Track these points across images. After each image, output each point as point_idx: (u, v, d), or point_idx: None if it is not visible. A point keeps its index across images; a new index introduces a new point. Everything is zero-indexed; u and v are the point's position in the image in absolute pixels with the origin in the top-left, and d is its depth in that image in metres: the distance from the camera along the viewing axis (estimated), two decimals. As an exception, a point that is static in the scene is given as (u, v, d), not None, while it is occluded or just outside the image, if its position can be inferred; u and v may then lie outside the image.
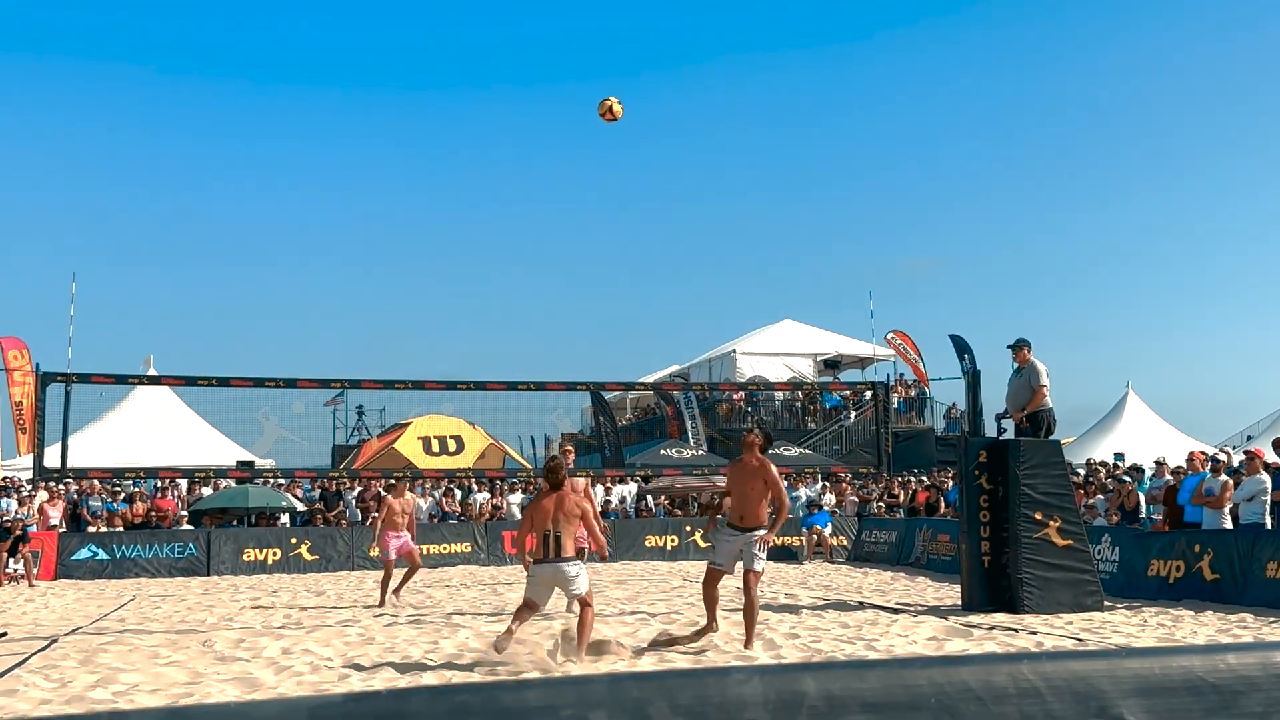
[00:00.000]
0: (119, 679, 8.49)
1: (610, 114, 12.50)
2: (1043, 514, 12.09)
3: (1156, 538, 14.44)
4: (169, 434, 28.54)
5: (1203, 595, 12.71)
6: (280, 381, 13.18)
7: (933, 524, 20.51)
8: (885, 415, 15.40)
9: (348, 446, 34.86)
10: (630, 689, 2.78)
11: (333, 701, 2.74)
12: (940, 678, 2.95)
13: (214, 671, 8.79)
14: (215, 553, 21.61)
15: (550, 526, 9.00)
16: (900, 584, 16.74)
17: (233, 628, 12.12)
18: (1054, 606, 11.86)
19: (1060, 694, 3.01)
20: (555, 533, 8.98)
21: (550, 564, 8.98)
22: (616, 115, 12.52)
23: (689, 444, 30.94)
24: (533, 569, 9.25)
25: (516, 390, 14.05)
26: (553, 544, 8.98)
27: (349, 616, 13.17)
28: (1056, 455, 12.57)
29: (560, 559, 8.96)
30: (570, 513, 9.05)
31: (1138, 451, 25.64)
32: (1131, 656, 3.17)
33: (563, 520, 9.01)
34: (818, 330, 39.96)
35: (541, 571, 9.05)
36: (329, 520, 23.79)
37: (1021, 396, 12.83)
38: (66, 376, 12.55)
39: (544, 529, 9.03)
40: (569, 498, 9.15)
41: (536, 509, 9.20)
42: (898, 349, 36.42)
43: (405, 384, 13.67)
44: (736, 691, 2.82)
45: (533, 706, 2.70)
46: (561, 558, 8.96)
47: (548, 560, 8.99)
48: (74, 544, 21.20)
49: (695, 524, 24.06)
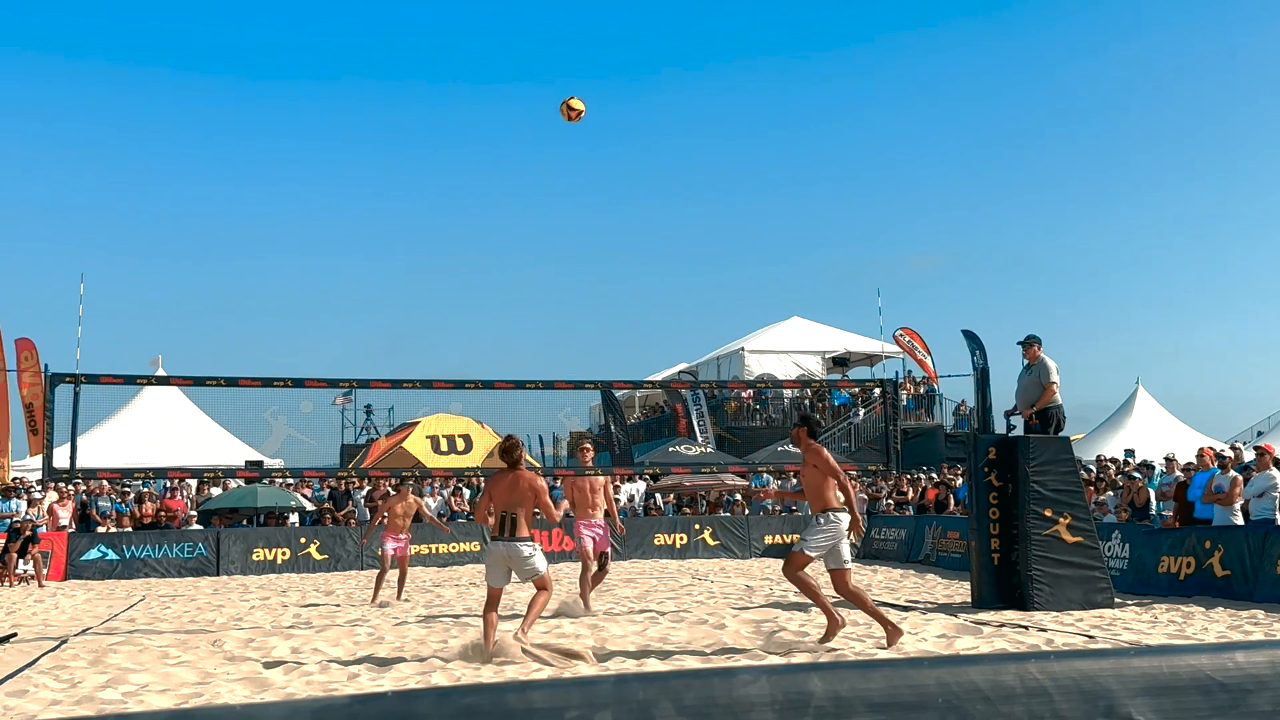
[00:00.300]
0: (129, 679, 8.50)
1: (571, 112, 12.53)
2: (1052, 511, 12.06)
3: (1167, 534, 14.40)
4: (178, 434, 28.61)
5: (1213, 592, 12.67)
6: (288, 381, 13.18)
7: (942, 521, 20.48)
8: (894, 412, 15.36)
9: (356, 446, 34.87)
10: (636, 690, 2.77)
11: (338, 704, 2.73)
12: (947, 677, 2.93)
13: (224, 671, 8.80)
14: (224, 552, 21.66)
15: (506, 507, 9.12)
16: (910, 581, 16.71)
17: (242, 627, 12.13)
18: (1064, 604, 11.84)
19: (1068, 693, 3.00)
20: (511, 513, 9.10)
21: (504, 542, 9.08)
22: (577, 111, 12.53)
23: (697, 442, 30.93)
24: (489, 547, 9.36)
25: (525, 389, 14.02)
26: (509, 524, 9.09)
27: (358, 616, 13.18)
28: (1066, 452, 12.54)
29: (515, 538, 9.06)
30: (525, 494, 9.13)
31: (1148, 448, 25.58)
32: (1139, 655, 3.15)
33: (517, 500, 9.11)
34: (826, 328, 39.93)
35: (495, 549, 9.17)
36: (338, 520, 23.83)
37: (1031, 393, 12.80)
38: (75, 377, 12.56)
39: (501, 509, 9.14)
40: (525, 478, 9.21)
41: (495, 485, 9.30)
42: (906, 346, 36.34)
43: (413, 383, 13.66)
44: (743, 692, 2.80)
45: (539, 708, 2.69)
46: (516, 537, 9.06)
47: (502, 539, 9.10)
48: (83, 544, 21.26)
49: (703, 522, 24.05)
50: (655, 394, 39.05)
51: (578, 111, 12.53)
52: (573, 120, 12.58)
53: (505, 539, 9.07)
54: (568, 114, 12.54)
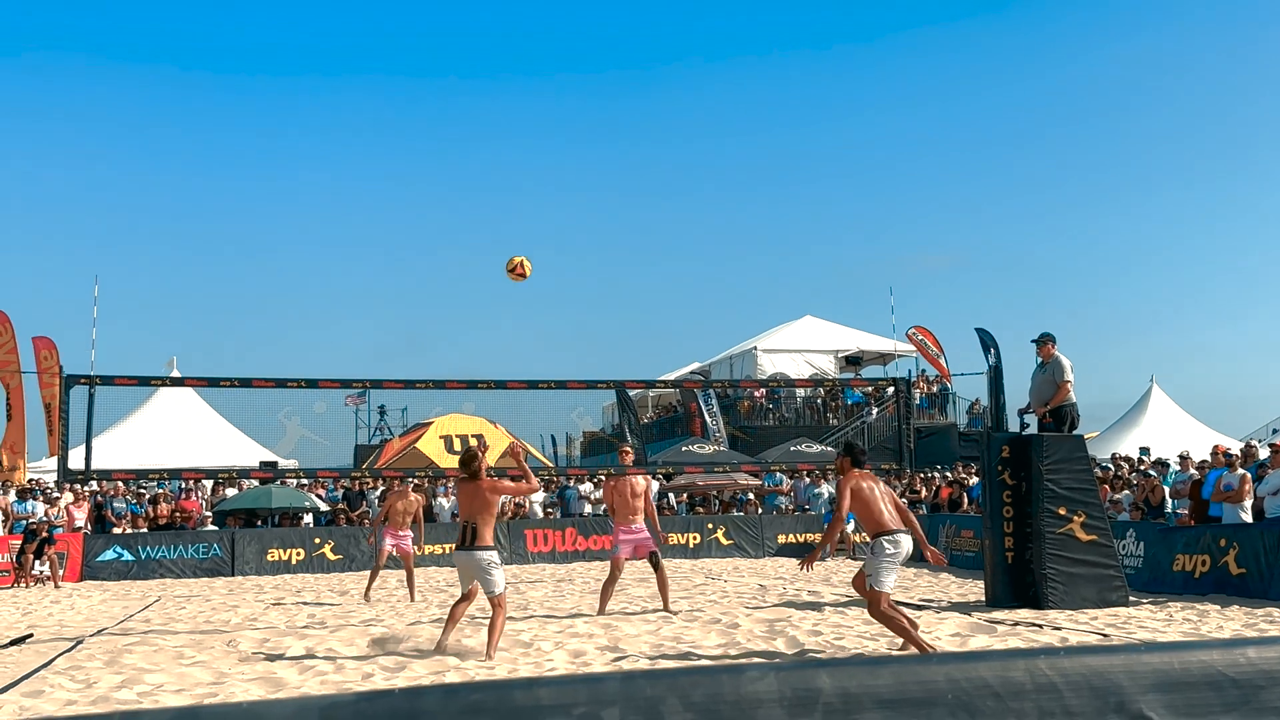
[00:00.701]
0: (144, 679, 8.53)
1: (517, 273, 12.76)
2: (1066, 509, 12.03)
3: (1181, 532, 14.34)
4: (192, 435, 28.70)
5: (1228, 590, 12.62)
6: (302, 382, 13.21)
7: (956, 520, 20.43)
8: (907, 411, 15.32)
9: (370, 446, 34.94)
10: (643, 687, 2.77)
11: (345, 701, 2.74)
12: (957, 674, 2.92)
13: (238, 672, 8.82)
14: (239, 553, 21.72)
15: (467, 517, 9.24)
16: (923, 580, 16.67)
17: (257, 628, 12.16)
18: (1078, 602, 11.80)
19: (1078, 689, 2.98)
20: (472, 523, 9.20)
21: (464, 551, 9.21)
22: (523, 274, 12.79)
23: (710, 441, 30.91)
24: (454, 555, 9.49)
25: (537, 389, 14.03)
26: (469, 533, 9.20)
27: (372, 616, 13.21)
28: (1080, 450, 12.50)
29: (475, 547, 9.16)
30: (485, 503, 9.21)
31: (1162, 446, 25.47)
32: (1150, 651, 3.14)
33: (478, 510, 9.19)
34: (839, 327, 39.88)
35: (458, 558, 9.33)
36: (352, 520, 23.87)
37: (1045, 391, 12.76)
38: (90, 378, 12.61)
39: (463, 519, 9.30)
40: (484, 487, 9.27)
41: (460, 493, 9.46)
42: (919, 345, 36.24)
43: (426, 383, 13.68)
44: (751, 689, 2.80)
45: (545, 705, 2.69)
46: (476, 546, 9.16)
47: (462, 548, 9.23)
48: (99, 545, 21.33)
49: (717, 521, 24.02)
50: (668, 393, 39.03)
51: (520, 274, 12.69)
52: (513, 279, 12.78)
53: (466, 548, 9.21)
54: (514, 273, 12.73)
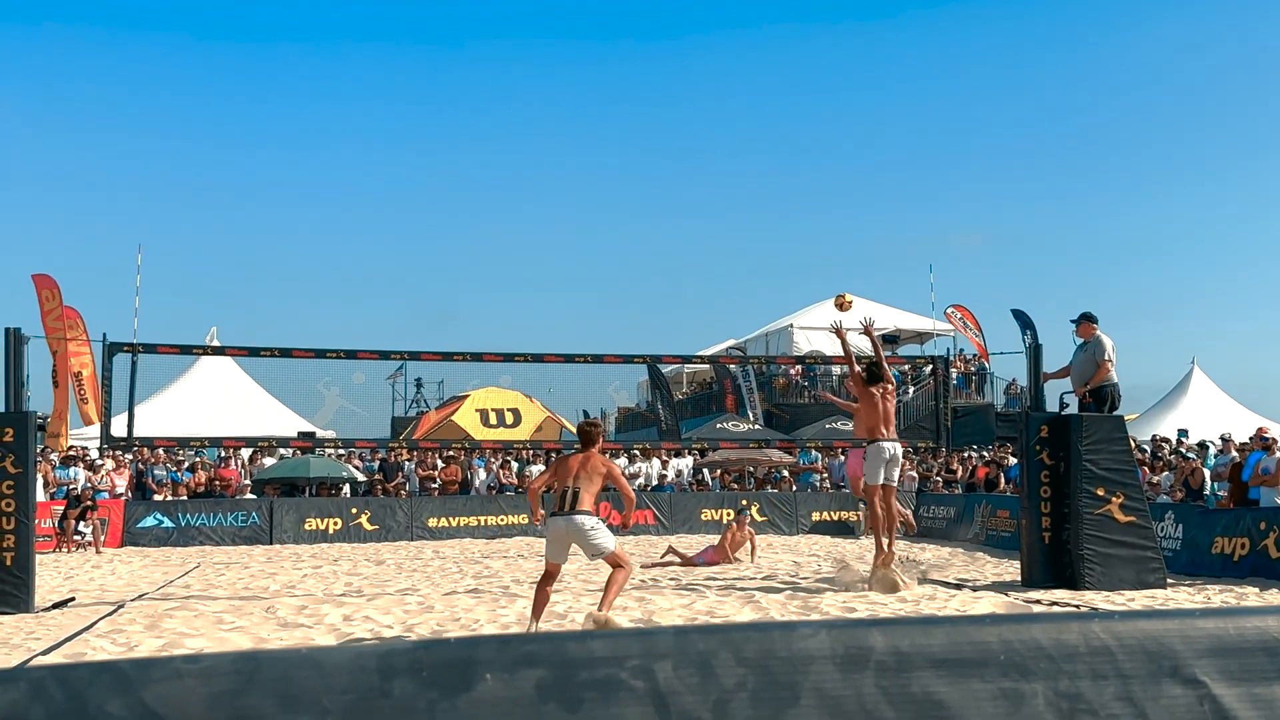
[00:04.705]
0: (184, 644, 8.65)
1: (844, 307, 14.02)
2: (1105, 490, 11.94)
3: (1221, 515, 14.22)
4: (232, 404, 28.95)
5: (1268, 573, 12.50)
6: (341, 353, 13.31)
7: (992, 500, 20.34)
8: (944, 390, 15.28)
9: (406, 418, 35.14)
10: (696, 641, 2.78)
11: (402, 649, 2.76)
12: (1010, 635, 2.91)
13: (277, 637, 8.92)
14: (278, 522, 21.91)
15: (570, 483, 8.87)
16: (959, 560, 16.62)
17: (295, 595, 12.28)
18: (1116, 583, 11.72)
19: (1132, 653, 2.97)
20: (574, 488, 8.82)
21: (563, 516, 8.81)
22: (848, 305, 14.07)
23: (746, 418, 30.89)
24: (548, 523, 9.14)
25: (573, 363, 14.09)
26: (569, 498, 8.81)
27: (408, 585, 13.30)
28: (1120, 431, 12.40)
29: (575, 511, 8.77)
30: (594, 471, 8.92)
31: (1203, 428, 25.25)
32: (1205, 616, 3.12)
33: (584, 478, 8.87)
34: (876, 304, 39.59)
35: (555, 525, 8.94)
36: (388, 491, 24.02)
37: (1086, 371, 12.66)
38: (133, 346, 12.75)
39: (564, 484, 8.90)
40: (595, 458, 9.03)
41: (562, 464, 9.11)
42: (957, 323, 35.96)
43: (464, 356, 13.75)
44: (803, 645, 2.80)
45: (599, 656, 2.70)
46: (577, 510, 8.77)
47: (561, 513, 8.84)
48: (140, 512, 21.58)
49: (751, 498, 24.02)
50: (704, 369, 38.99)
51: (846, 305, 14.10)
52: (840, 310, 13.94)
53: (565, 513, 8.80)
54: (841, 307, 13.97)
